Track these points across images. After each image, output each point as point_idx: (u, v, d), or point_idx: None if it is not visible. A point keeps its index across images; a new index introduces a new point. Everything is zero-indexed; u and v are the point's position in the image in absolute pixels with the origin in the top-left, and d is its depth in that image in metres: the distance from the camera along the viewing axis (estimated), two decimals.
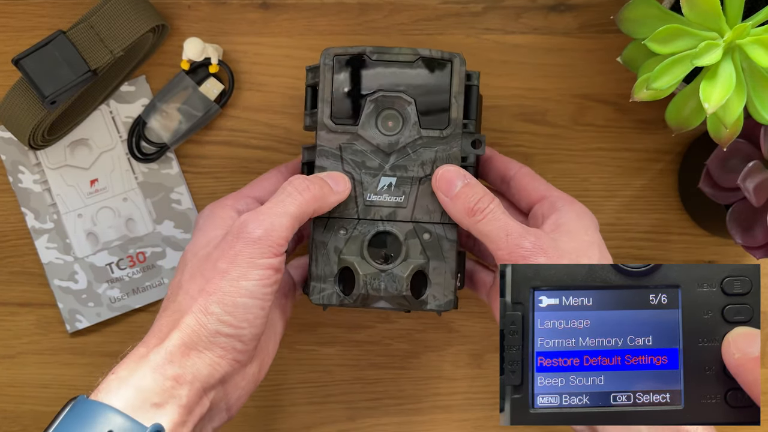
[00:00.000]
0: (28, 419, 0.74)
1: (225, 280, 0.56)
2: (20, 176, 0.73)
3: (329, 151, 0.62)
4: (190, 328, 0.56)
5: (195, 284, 0.57)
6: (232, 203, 0.62)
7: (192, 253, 0.60)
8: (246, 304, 0.56)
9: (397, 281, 0.61)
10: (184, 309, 0.56)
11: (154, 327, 0.58)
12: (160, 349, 0.55)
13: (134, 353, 0.56)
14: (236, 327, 0.56)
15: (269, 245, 0.56)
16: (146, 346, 0.56)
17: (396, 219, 0.62)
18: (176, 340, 0.56)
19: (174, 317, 0.57)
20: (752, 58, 0.58)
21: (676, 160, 0.74)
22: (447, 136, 0.62)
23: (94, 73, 0.67)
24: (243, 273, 0.56)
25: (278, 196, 0.58)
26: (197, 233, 0.61)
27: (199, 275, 0.57)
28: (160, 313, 0.59)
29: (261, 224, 0.57)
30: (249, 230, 0.57)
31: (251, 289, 0.56)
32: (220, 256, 0.57)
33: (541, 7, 0.73)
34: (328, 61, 0.62)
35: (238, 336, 0.56)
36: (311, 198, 0.58)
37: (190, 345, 0.56)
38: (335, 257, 0.62)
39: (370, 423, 0.75)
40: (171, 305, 0.58)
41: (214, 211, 0.62)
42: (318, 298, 0.62)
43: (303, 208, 0.58)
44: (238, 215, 0.61)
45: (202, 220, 0.62)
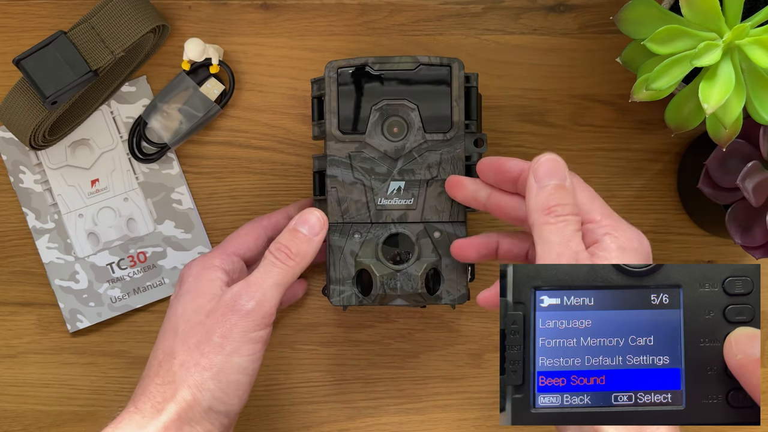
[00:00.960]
0: (29, 419, 0.74)
1: (220, 356, 0.59)
2: (21, 176, 0.73)
3: (339, 160, 0.64)
4: (185, 402, 0.59)
5: (190, 356, 0.60)
6: (220, 263, 0.64)
7: (184, 319, 0.61)
8: (238, 381, 0.60)
9: (412, 280, 0.64)
10: (179, 381, 0.59)
11: (147, 389, 0.60)
12: (156, 421, 0.58)
13: (130, 420, 0.59)
14: (227, 404, 0.60)
15: (262, 316, 0.60)
16: (141, 412, 0.59)
17: (407, 221, 0.65)
18: (172, 414, 0.58)
19: (169, 387, 0.59)
20: (751, 59, 0.58)
21: (675, 161, 0.74)
22: (451, 139, 0.64)
23: (95, 73, 0.67)
24: (236, 347, 0.60)
25: (265, 267, 0.62)
26: (186, 296, 0.63)
27: (195, 347, 0.60)
28: (150, 375, 0.61)
29: (253, 297, 0.60)
30: (242, 303, 0.60)
31: (244, 365, 0.60)
32: (213, 328, 0.60)
33: (541, 8, 0.73)
34: (332, 74, 0.64)
35: (227, 413, 0.60)
36: (296, 264, 0.62)
37: (185, 419, 0.59)
38: (352, 260, 0.65)
39: (370, 423, 0.75)
40: (165, 373, 0.60)
41: (203, 273, 0.64)
42: (338, 300, 0.65)
43: (289, 276, 0.62)
44: (226, 276, 0.64)
45: (191, 279, 0.64)
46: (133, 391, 0.61)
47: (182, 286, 0.64)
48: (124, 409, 0.60)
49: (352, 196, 0.64)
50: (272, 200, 0.74)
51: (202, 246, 0.74)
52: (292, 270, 0.62)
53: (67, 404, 0.74)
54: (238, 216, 0.74)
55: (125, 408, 0.60)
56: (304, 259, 0.63)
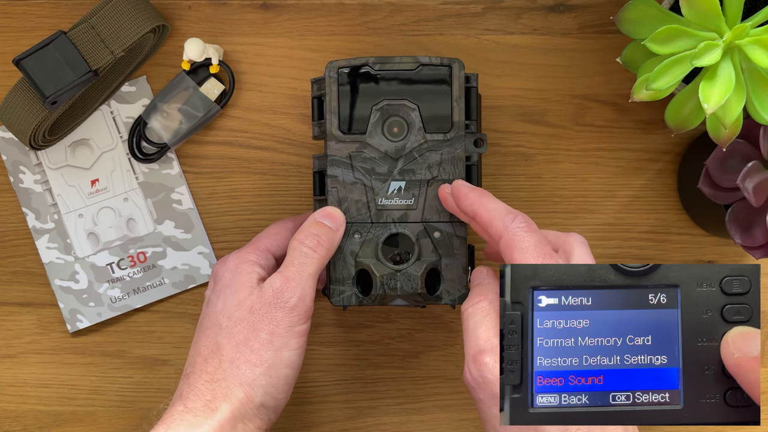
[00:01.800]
0: (29, 419, 0.74)
1: (270, 351, 0.60)
2: (21, 176, 0.74)
3: (340, 160, 0.64)
4: (238, 399, 0.59)
5: (239, 352, 0.60)
6: (256, 258, 0.64)
7: (226, 315, 0.61)
8: (287, 376, 0.60)
9: (412, 280, 0.64)
10: (230, 378, 0.59)
11: (194, 387, 0.60)
12: (210, 420, 0.58)
13: (182, 420, 0.58)
14: (277, 398, 0.60)
15: (305, 311, 0.61)
16: (192, 412, 0.59)
17: (407, 221, 0.65)
18: (226, 412, 0.58)
19: (219, 385, 0.59)
20: (751, 59, 0.58)
21: (675, 161, 0.74)
22: (451, 139, 0.64)
23: (95, 73, 0.67)
24: (285, 342, 0.60)
25: (298, 258, 0.62)
26: (225, 291, 0.63)
27: (243, 344, 0.60)
28: (196, 372, 0.60)
29: (295, 291, 0.61)
30: (285, 299, 0.60)
31: (293, 359, 0.60)
32: (260, 325, 0.60)
33: (541, 8, 0.73)
34: (332, 74, 0.64)
35: (275, 408, 0.61)
36: (325, 253, 0.62)
37: (238, 417, 0.59)
38: (352, 260, 0.65)
39: (370, 423, 0.75)
40: (213, 369, 0.60)
41: (240, 267, 0.63)
42: (338, 300, 0.65)
43: (321, 265, 0.62)
44: (263, 270, 0.63)
45: (228, 274, 0.63)
46: (177, 388, 0.61)
47: (219, 281, 0.64)
48: (170, 406, 0.60)
49: (353, 196, 0.64)
50: (272, 200, 0.74)
51: (202, 246, 0.74)
52: (323, 259, 0.62)
53: (66, 404, 0.74)
54: (238, 216, 0.74)
55: (171, 405, 0.60)
56: (332, 249, 0.63)
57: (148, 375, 0.74)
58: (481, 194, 0.60)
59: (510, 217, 0.58)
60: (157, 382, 0.74)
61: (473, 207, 0.60)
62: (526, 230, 0.57)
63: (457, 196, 0.61)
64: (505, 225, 0.57)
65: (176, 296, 0.75)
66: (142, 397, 0.74)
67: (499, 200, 0.60)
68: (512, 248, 0.56)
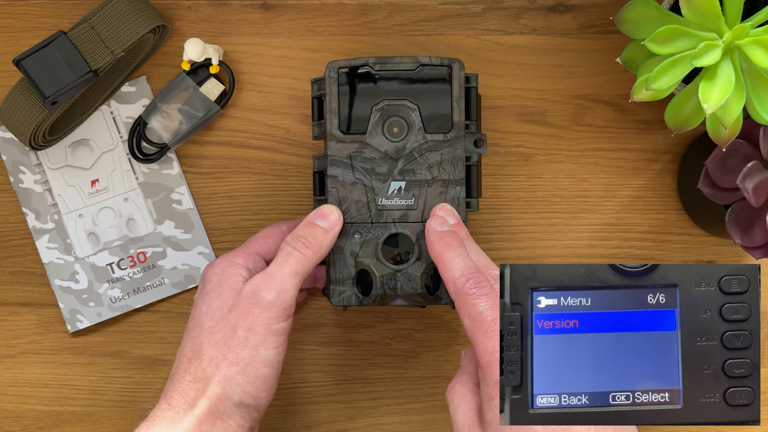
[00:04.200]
0: (29, 419, 0.74)
1: (246, 349, 0.60)
2: (21, 176, 0.74)
3: (340, 160, 0.64)
4: (216, 396, 0.59)
5: (218, 351, 0.60)
6: (243, 261, 0.64)
7: (208, 316, 0.62)
8: (265, 375, 0.60)
9: (412, 280, 0.64)
10: (209, 376, 0.60)
11: (178, 386, 0.60)
12: (189, 416, 0.59)
13: (164, 417, 0.59)
14: (257, 398, 0.60)
15: (283, 308, 0.60)
16: (174, 409, 0.59)
17: (407, 221, 0.65)
18: (204, 408, 0.59)
19: (201, 384, 0.60)
20: (751, 59, 0.58)
21: (675, 161, 0.74)
22: (451, 139, 0.64)
23: (95, 73, 0.67)
24: (262, 340, 0.60)
25: (281, 257, 0.62)
26: (211, 293, 0.63)
27: (221, 342, 0.60)
28: (180, 373, 0.61)
29: (272, 287, 0.61)
30: (262, 294, 0.60)
31: (270, 358, 0.60)
32: (237, 322, 0.60)
33: (541, 8, 0.73)
34: (332, 74, 0.64)
35: (256, 407, 0.61)
36: (312, 254, 0.62)
37: (216, 414, 0.59)
38: (352, 260, 0.65)
39: (369, 423, 0.75)
40: (195, 369, 0.61)
41: (227, 270, 0.64)
42: (338, 300, 0.65)
43: (307, 264, 0.62)
44: (249, 273, 0.64)
45: (215, 277, 0.64)
46: (164, 389, 0.61)
47: (206, 285, 0.64)
48: (155, 406, 0.60)
49: (353, 196, 0.64)
50: (272, 200, 0.74)
51: (202, 246, 0.74)
52: (309, 259, 0.62)
53: (66, 404, 0.74)
54: (238, 216, 0.74)
55: (157, 405, 0.60)
56: (320, 250, 0.63)
57: (148, 375, 0.75)
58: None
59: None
60: (157, 382, 0.74)
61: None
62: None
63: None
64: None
65: (176, 296, 0.75)
66: (142, 397, 0.74)
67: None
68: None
